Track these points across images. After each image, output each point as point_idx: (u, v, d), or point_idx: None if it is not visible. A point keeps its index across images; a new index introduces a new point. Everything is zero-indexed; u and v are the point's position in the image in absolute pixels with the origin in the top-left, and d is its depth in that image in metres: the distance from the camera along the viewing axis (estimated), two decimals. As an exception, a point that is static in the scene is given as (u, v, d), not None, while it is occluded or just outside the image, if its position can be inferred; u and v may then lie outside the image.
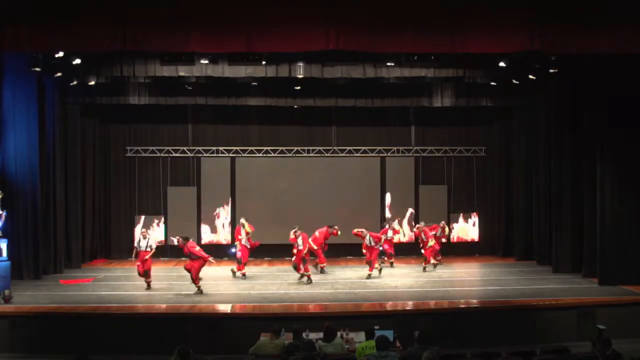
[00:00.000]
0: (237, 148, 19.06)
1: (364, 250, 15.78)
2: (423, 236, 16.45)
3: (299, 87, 16.56)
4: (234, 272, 15.37)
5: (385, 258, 16.75)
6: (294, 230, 14.97)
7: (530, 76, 15.12)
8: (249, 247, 15.50)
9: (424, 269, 16.12)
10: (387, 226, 16.93)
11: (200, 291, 13.36)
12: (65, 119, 16.57)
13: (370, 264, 15.24)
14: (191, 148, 19.03)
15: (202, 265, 13.57)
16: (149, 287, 13.96)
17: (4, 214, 13.49)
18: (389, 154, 19.32)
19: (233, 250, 18.45)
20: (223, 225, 18.98)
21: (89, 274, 15.88)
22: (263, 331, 9.13)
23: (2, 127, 14.48)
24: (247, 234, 15.44)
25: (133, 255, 14.57)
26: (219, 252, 18.48)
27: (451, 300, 12.75)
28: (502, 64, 13.84)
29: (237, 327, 11.17)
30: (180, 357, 7.41)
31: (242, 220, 15.62)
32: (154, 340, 10.85)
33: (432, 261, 16.24)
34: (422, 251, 16.49)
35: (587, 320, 11.40)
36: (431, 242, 16.10)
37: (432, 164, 19.48)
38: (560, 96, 15.56)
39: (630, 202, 13.84)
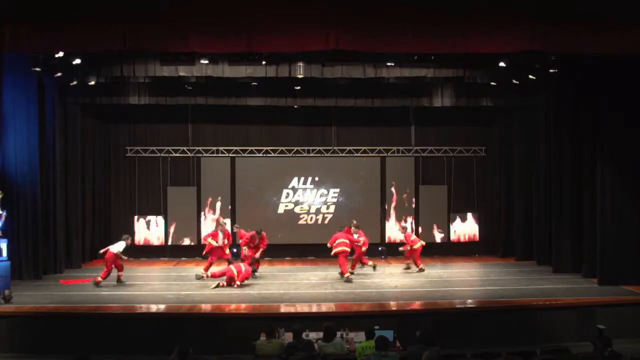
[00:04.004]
0: (237, 148, 19.06)
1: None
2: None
3: (299, 87, 16.55)
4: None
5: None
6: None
7: (530, 76, 15.12)
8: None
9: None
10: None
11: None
12: (65, 119, 16.56)
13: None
14: (191, 148, 19.03)
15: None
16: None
17: (4, 214, 13.48)
18: (389, 154, 19.32)
19: (235, 250, 18.49)
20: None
21: (89, 274, 15.85)
22: (263, 331, 9.12)
23: (2, 127, 14.46)
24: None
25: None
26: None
27: (451, 300, 12.76)
28: (502, 64, 13.84)
29: (237, 327, 11.16)
30: (180, 357, 7.41)
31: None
32: (154, 340, 10.84)
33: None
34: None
35: (587, 320, 11.38)
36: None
37: (432, 164, 19.48)
38: (560, 96, 15.55)
39: (630, 202, 13.84)
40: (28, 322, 11.44)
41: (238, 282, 13.92)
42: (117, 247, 14.47)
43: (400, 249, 16.44)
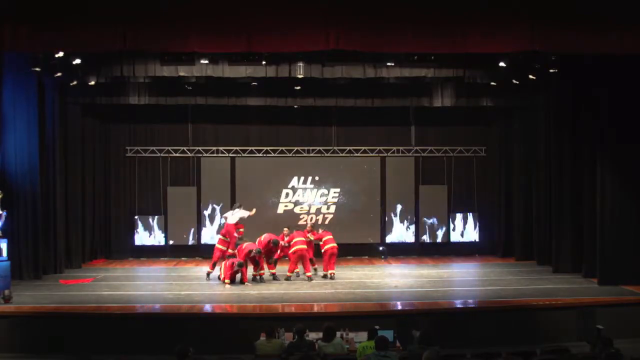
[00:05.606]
0: (237, 148, 19.05)
1: None
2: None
3: (299, 87, 16.55)
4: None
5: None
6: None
7: (530, 76, 15.12)
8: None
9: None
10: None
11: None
12: (65, 119, 16.55)
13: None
14: (191, 148, 19.03)
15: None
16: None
17: (4, 214, 13.48)
18: (389, 154, 19.31)
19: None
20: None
21: (89, 274, 15.87)
22: (263, 331, 9.13)
23: (2, 127, 14.46)
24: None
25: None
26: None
27: (451, 300, 12.76)
28: (502, 64, 13.84)
29: (237, 327, 11.17)
30: (180, 357, 7.41)
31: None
32: (154, 340, 10.84)
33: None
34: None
35: (587, 320, 11.39)
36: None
37: (432, 164, 19.47)
38: (560, 96, 15.56)
39: (630, 202, 13.83)
40: (28, 322, 11.44)
41: (227, 281, 14.14)
42: (238, 215, 14.84)
43: (311, 237, 15.75)
